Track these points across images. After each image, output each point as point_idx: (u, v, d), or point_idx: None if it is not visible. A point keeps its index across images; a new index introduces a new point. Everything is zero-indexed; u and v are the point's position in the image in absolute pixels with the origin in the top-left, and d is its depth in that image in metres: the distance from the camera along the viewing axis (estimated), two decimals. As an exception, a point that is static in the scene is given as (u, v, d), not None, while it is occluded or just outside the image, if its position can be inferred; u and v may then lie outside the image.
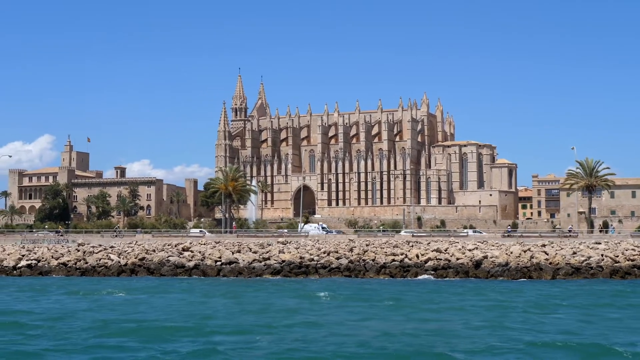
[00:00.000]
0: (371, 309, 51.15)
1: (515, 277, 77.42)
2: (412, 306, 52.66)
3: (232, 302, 55.80)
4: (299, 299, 58.16)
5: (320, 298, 58.71)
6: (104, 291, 65.16)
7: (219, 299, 58.22)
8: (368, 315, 48.08)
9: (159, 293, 63.89)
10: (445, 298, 58.47)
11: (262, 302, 55.78)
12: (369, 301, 56.18)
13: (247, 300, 57.02)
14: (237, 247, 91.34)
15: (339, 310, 50.96)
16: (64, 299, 59.43)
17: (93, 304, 55.32)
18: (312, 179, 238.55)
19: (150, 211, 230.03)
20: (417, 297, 58.57)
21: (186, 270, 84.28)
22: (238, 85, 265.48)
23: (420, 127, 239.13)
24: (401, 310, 50.67)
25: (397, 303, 54.56)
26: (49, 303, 56.56)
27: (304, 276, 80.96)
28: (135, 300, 57.67)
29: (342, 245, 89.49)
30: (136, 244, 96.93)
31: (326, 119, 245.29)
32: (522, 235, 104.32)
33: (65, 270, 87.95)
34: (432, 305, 53.14)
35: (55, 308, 52.97)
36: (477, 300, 56.32)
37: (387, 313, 49.42)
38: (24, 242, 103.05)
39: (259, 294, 62.97)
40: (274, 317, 47.15)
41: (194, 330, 41.45)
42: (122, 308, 52.47)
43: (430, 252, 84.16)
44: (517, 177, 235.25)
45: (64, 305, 55.02)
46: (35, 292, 66.03)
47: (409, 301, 55.78)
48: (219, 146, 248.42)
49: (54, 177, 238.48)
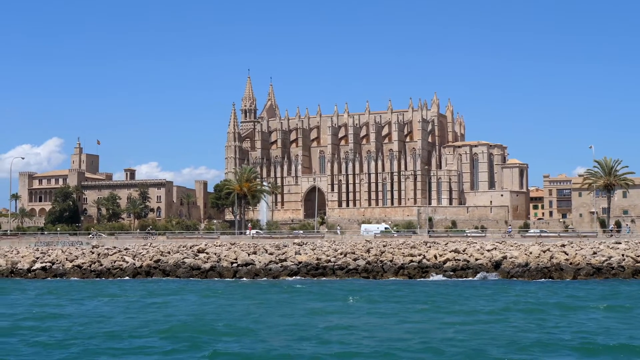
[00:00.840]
0: (405, 312, 50.15)
1: (536, 277, 76.59)
2: (445, 308, 51.91)
3: (260, 304, 55.29)
4: (327, 301, 57.34)
5: (348, 300, 58.00)
6: (132, 295, 64.67)
7: (248, 302, 57.43)
8: (404, 318, 47.22)
9: (188, 295, 63.50)
10: (475, 300, 57.44)
11: (293, 305, 54.92)
12: (400, 303, 55.43)
13: (276, 303, 56.29)
14: (253, 248, 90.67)
15: (373, 313, 50.16)
16: (104, 302, 59.14)
17: (133, 306, 55.08)
18: (322, 180, 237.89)
19: (160, 213, 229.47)
20: (444, 299, 57.81)
21: (202, 272, 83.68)
22: (247, 86, 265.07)
23: (431, 128, 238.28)
24: (437, 312, 49.84)
25: (430, 305, 53.72)
26: (98, 306, 56.21)
27: (321, 277, 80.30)
28: (167, 303, 57.19)
29: (359, 246, 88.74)
30: (151, 246, 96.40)
31: (336, 120, 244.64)
32: (541, 235, 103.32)
33: (80, 272, 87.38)
34: (464, 307, 52.45)
35: (112, 311, 52.45)
36: (507, 302, 55.29)
37: (423, 315, 48.56)
38: (37, 244, 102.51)
39: (284, 295, 62.33)
40: (311, 320, 46.37)
41: (238, 333, 41.14)
42: (165, 310, 52.25)
43: (448, 252, 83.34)
44: (528, 177, 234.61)
45: (117, 307, 54.83)
46: (61, 295, 65.35)
47: (439, 303, 55.00)
48: (229, 148, 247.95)
49: (64, 180, 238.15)
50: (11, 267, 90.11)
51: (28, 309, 54.11)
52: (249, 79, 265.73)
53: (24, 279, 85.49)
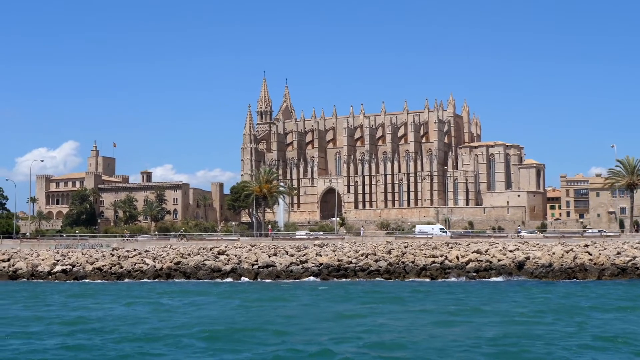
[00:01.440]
0: (443, 314, 49.69)
1: (560, 277, 75.97)
2: (478, 309, 51.51)
3: (295, 305, 55.22)
4: (359, 303, 56.89)
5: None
6: (166, 296, 64.62)
7: (284, 303, 57.03)
8: (443, 319, 46.86)
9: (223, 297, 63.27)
10: (510, 301, 56.77)
11: (326, 307, 54.55)
12: (437, 303, 55.22)
13: (311, 304, 56.04)
14: (273, 250, 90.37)
15: (409, 314, 49.81)
16: (137, 304, 59.21)
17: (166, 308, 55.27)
18: (338, 181, 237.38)
19: (176, 215, 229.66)
20: (478, 300, 57.33)
21: (223, 274, 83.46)
22: (263, 88, 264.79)
23: (447, 128, 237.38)
24: (474, 313, 49.55)
25: (460, 306, 53.36)
26: (138, 307, 56.40)
27: (342, 279, 79.87)
28: (199, 305, 57.21)
29: (380, 248, 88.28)
30: (171, 248, 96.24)
31: (352, 121, 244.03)
32: (564, 235, 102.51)
33: (100, 275, 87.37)
34: (501, 308, 52.14)
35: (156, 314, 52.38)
36: (541, 304, 54.58)
37: (460, 317, 48.16)
38: (57, 246, 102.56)
39: (314, 297, 62.13)
40: (351, 322, 46.01)
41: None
42: (199, 312, 52.32)
43: (470, 253, 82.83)
44: (545, 178, 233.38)
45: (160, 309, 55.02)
46: (90, 297, 65.18)
47: (472, 304, 54.65)
48: (245, 149, 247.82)
49: (80, 183, 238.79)
50: (32, 270, 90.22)
51: (87, 312, 54.27)
52: (265, 80, 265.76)
53: (47, 282, 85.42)
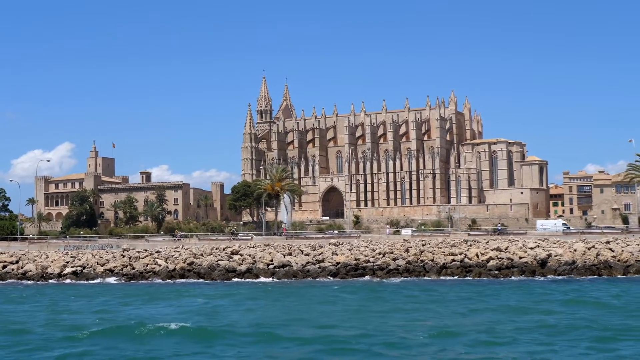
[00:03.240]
0: (494, 314, 48.34)
1: (584, 275, 74.66)
2: (527, 308, 50.52)
3: (334, 306, 54.05)
4: (399, 303, 55.63)
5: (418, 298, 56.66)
6: (198, 297, 63.42)
7: (323, 305, 55.45)
8: (498, 320, 45.44)
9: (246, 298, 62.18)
10: (552, 301, 55.49)
11: (368, 306, 53.34)
12: (483, 303, 54.28)
13: (354, 304, 54.81)
14: (288, 249, 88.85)
15: (459, 315, 48.65)
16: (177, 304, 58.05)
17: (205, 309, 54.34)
18: (340, 180, 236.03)
19: (177, 215, 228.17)
20: (515, 300, 56.07)
21: (238, 274, 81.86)
22: (263, 87, 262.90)
23: (449, 126, 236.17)
24: (526, 313, 48.53)
25: (513, 305, 52.27)
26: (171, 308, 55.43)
27: (361, 278, 78.40)
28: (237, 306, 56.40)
29: (397, 246, 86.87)
30: (183, 248, 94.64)
31: (353, 119, 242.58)
32: (583, 232, 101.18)
33: (112, 276, 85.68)
34: (546, 307, 51.02)
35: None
36: (578, 306, 52.87)
37: (517, 317, 46.79)
38: (66, 248, 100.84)
39: (350, 296, 61.02)
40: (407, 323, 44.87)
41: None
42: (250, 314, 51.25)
43: (490, 251, 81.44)
44: (548, 174, 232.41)
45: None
46: (127, 298, 63.97)
47: (518, 303, 53.71)
48: (245, 149, 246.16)
49: (80, 184, 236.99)
50: (41, 272, 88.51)
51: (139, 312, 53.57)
52: (264, 79, 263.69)
53: (58, 284, 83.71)
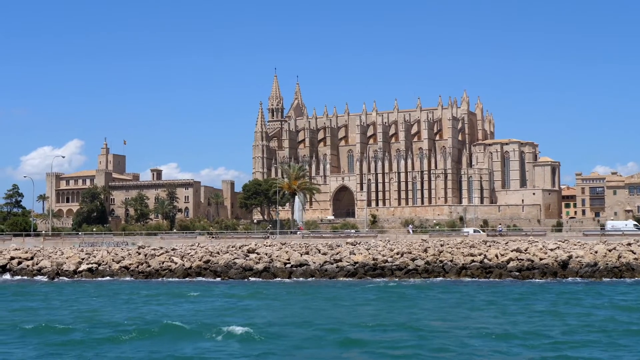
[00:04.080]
0: (538, 315, 47.85)
1: (607, 277, 73.84)
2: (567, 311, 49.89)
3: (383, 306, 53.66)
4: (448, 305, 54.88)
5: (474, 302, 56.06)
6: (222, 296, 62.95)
7: (365, 307, 54.77)
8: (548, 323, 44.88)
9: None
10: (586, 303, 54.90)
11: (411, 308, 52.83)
12: (525, 302, 54.03)
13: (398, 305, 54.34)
14: (305, 248, 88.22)
15: (505, 316, 48.17)
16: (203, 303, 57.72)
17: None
18: (351, 179, 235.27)
19: (188, 213, 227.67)
20: (547, 301, 55.40)
21: (255, 273, 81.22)
22: (274, 85, 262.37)
23: (461, 126, 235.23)
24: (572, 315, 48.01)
25: (553, 308, 51.65)
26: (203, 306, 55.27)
27: (380, 278, 77.69)
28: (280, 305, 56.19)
29: (415, 246, 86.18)
30: (199, 246, 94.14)
31: (364, 119, 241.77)
32: (604, 234, 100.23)
33: (127, 273, 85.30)
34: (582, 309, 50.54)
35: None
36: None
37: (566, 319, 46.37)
38: (82, 245, 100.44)
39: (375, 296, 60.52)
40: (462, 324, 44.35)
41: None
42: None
43: (510, 252, 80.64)
44: (560, 175, 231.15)
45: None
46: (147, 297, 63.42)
47: (560, 305, 53.07)
48: (256, 147, 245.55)
49: (91, 180, 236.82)
50: (57, 269, 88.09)
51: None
52: (276, 77, 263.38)
53: (74, 281, 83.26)
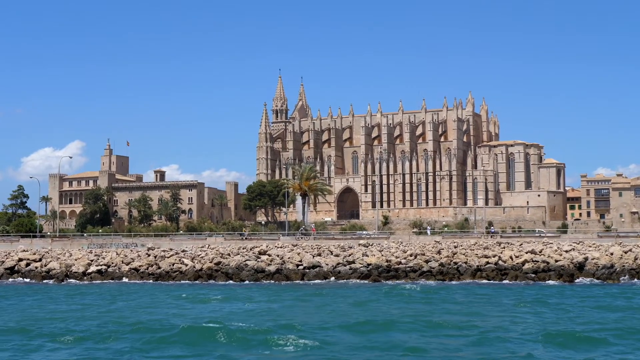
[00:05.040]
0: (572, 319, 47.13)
1: (625, 278, 73.13)
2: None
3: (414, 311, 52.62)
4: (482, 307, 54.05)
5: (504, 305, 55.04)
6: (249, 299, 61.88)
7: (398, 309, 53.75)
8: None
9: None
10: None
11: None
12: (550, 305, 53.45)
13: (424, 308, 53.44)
14: (317, 250, 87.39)
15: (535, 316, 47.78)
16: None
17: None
18: (355, 180, 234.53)
19: (192, 215, 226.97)
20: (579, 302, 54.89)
21: (267, 275, 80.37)
22: (278, 86, 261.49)
23: (466, 127, 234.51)
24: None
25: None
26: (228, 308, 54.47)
27: (394, 280, 76.83)
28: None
29: (429, 247, 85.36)
30: (209, 248, 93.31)
31: (369, 120, 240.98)
32: (619, 235, 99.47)
33: (137, 275, 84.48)
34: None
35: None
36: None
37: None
38: (90, 246, 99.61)
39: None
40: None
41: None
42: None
43: (524, 253, 79.87)
44: (565, 177, 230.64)
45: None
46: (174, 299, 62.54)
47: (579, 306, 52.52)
48: (261, 148, 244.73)
49: (94, 182, 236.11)
50: (66, 271, 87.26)
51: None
52: (280, 79, 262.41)
53: (83, 284, 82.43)
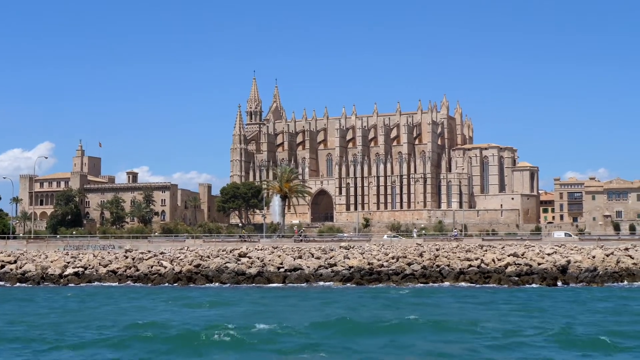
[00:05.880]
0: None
1: (607, 282, 73.13)
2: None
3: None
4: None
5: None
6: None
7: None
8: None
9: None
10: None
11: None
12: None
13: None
14: (298, 252, 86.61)
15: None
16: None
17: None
18: (329, 183, 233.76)
19: (165, 217, 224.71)
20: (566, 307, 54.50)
21: (248, 278, 79.55)
22: (253, 88, 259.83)
23: (440, 130, 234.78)
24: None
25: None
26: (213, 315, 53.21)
27: (376, 283, 76.28)
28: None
29: (411, 250, 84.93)
30: (188, 250, 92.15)
31: (344, 122, 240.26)
32: (600, 238, 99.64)
33: (115, 278, 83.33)
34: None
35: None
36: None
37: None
38: (67, 248, 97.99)
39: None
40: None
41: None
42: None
43: (507, 256, 79.69)
44: (539, 181, 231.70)
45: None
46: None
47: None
48: (234, 150, 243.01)
49: (66, 183, 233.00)
50: (42, 273, 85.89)
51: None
52: (254, 80, 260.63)
53: (59, 286, 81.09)
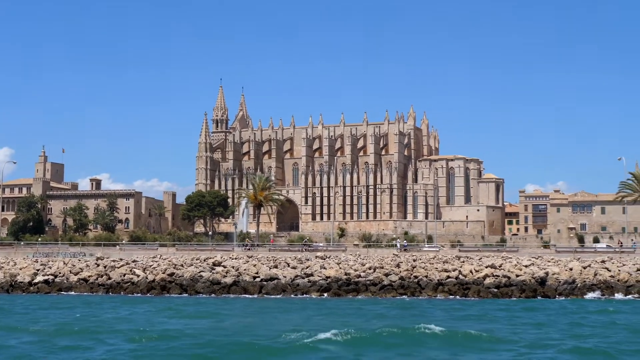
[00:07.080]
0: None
1: (585, 294, 73.22)
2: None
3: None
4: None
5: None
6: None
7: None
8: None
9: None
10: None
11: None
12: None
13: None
14: (273, 262, 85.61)
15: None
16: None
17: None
18: (295, 192, 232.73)
19: (128, 224, 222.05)
20: (566, 319, 54.12)
21: (223, 287, 78.43)
22: (219, 96, 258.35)
23: (407, 141, 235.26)
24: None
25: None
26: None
27: (354, 294, 75.57)
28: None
29: (387, 260, 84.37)
30: (161, 258, 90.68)
31: (310, 132, 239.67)
32: (576, 250, 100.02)
33: (87, 286, 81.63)
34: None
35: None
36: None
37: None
38: (36, 255, 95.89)
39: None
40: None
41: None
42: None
43: (484, 268, 79.46)
44: (504, 193, 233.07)
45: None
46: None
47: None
48: (200, 158, 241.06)
49: (28, 189, 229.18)
50: (10, 280, 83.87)
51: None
52: (221, 88, 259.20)
53: (28, 294, 79.17)
